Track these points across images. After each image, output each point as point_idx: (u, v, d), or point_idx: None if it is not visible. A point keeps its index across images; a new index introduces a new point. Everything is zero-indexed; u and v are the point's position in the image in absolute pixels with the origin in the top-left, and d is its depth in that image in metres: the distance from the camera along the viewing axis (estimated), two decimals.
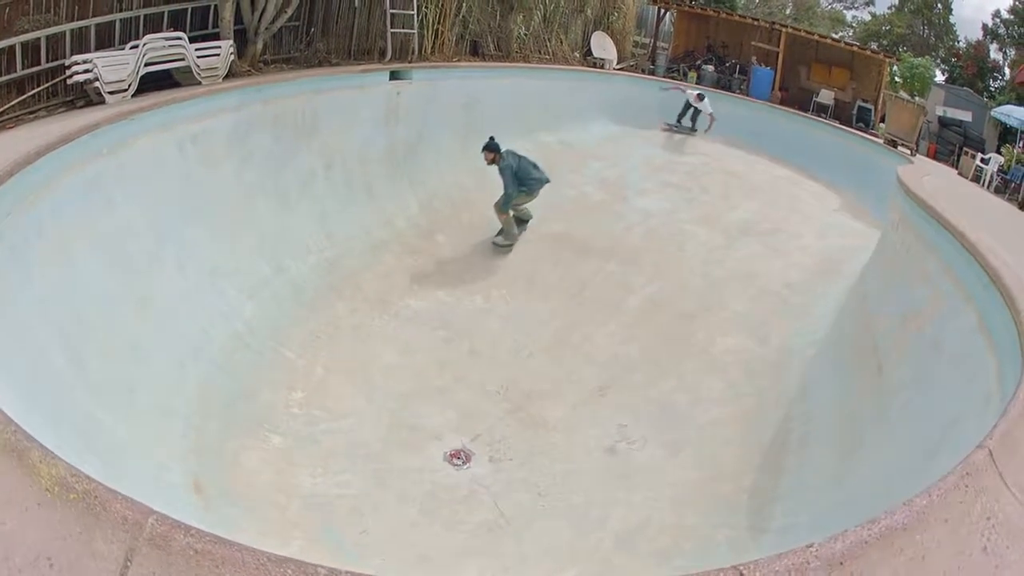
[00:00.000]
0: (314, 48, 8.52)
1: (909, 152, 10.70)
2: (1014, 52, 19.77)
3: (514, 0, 11.45)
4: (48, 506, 1.56)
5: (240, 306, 5.52)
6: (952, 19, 22.90)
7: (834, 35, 19.52)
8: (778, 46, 13.86)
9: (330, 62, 8.51)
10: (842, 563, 1.71)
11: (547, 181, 7.45)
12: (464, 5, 10.38)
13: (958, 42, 22.09)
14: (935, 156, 12.31)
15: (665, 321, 6.58)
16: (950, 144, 12.72)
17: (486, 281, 7.10)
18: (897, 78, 13.89)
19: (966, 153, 11.77)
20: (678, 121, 11.76)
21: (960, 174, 10.99)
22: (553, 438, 5.04)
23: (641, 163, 10.58)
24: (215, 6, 7.04)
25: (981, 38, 20.85)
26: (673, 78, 13.31)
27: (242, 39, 7.38)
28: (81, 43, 5.83)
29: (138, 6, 6.34)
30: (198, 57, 6.39)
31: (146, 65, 5.92)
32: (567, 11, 12.99)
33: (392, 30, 8.86)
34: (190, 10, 6.94)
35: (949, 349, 3.86)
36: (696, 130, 11.64)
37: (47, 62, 5.58)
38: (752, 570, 1.63)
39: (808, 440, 4.72)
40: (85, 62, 5.45)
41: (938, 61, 20.09)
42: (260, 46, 7.57)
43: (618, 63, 13.96)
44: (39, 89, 5.56)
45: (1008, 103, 14.06)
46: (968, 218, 4.82)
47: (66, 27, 5.65)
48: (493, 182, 7.52)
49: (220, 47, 6.64)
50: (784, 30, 14.21)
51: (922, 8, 22.73)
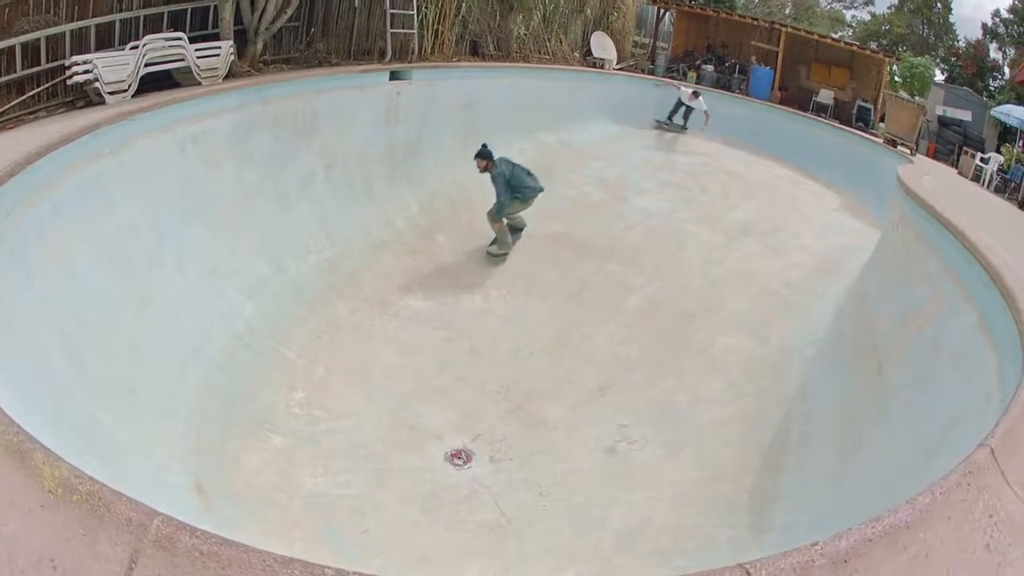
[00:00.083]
0: (314, 48, 8.52)
1: (909, 152, 10.70)
2: (1014, 51, 19.77)
3: (514, 0, 11.45)
4: (51, 508, 1.55)
5: (240, 306, 5.52)
6: (952, 18, 22.89)
7: (834, 35, 19.51)
8: (778, 46, 13.85)
9: (330, 62, 8.51)
10: (846, 561, 1.71)
11: (541, 190, 7.34)
12: (464, 5, 10.38)
13: (958, 41, 22.08)
14: (935, 156, 12.31)
15: (665, 321, 6.58)
16: (950, 144, 12.73)
17: (486, 281, 7.11)
18: (897, 78, 13.87)
19: (966, 152, 11.78)
20: (669, 118, 11.68)
21: (960, 173, 10.99)
22: (553, 438, 5.04)
23: (641, 163, 10.57)
24: (215, 6, 7.03)
25: (981, 37, 20.85)
26: (673, 78, 13.30)
27: (242, 39, 7.38)
28: (81, 43, 5.82)
29: (138, 6, 6.33)
30: (198, 57, 6.38)
31: (146, 65, 5.92)
32: (567, 11, 12.99)
33: (392, 30, 8.85)
34: (190, 10, 6.94)
35: (949, 348, 3.87)
36: (687, 128, 11.56)
37: (47, 62, 5.57)
38: (758, 568, 1.64)
39: (808, 440, 4.73)
40: (85, 62, 5.45)
41: (938, 61, 20.09)
42: (260, 46, 7.57)
43: (618, 63, 13.95)
44: (39, 90, 5.55)
45: (1008, 102, 14.06)
46: (968, 217, 4.83)
47: (66, 27, 5.64)
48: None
49: (220, 47, 6.63)
50: (784, 30, 14.20)
51: (922, 7, 22.72)
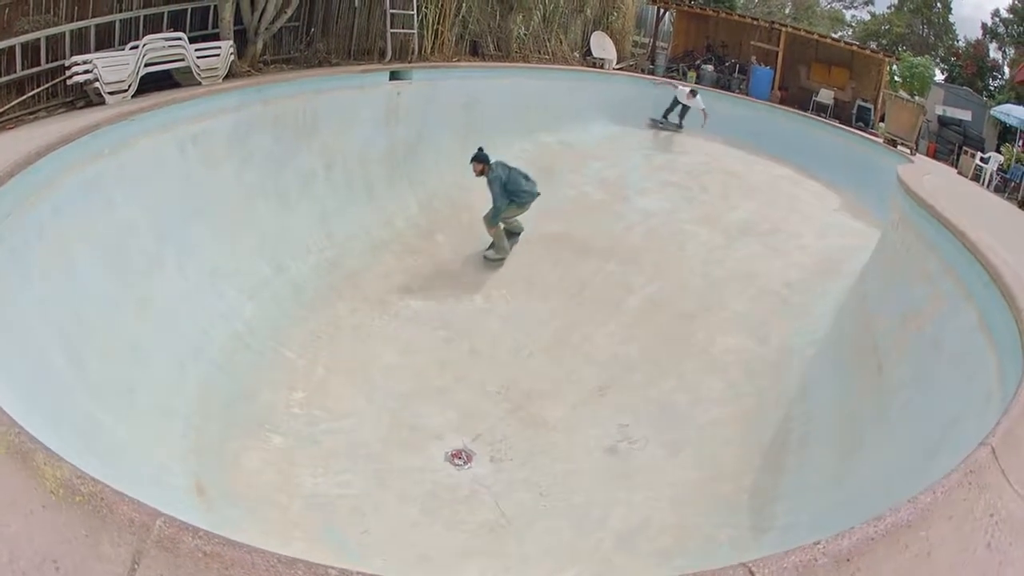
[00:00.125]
0: (314, 48, 8.52)
1: (909, 151, 10.70)
2: (1013, 51, 19.78)
3: (514, 0, 11.44)
4: (53, 509, 1.55)
5: (240, 306, 5.52)
6: (951, 18, 22.90)
7: (833, 34, 19.52)
8: (778, 45, 13.85)
9: (330, 62, 8.50)
10: (849, 559, 1.72)
11: (537, 195, 7.25)
12: (464, 5, 10.37)
13: (957, 41, 22.09)
14: (935, 155, 12.32)
15: (665, 321, 6.59)
16: (950, 143, 12.73)
17: (486, 281, 7.11)
18: (897, 77, 13.87)
19: (966, 152, 11.78)
20: (664, 117, 11.66)
21: (960, 173, 11.00)
22: (554, 438, 5.04)
23: (641, 163, 10.58)
24: (215, 6, 7.03)
25: (980, 37, 20.86)
26: (673, 78, 13.30)
27: (242, 39, 7.37)
28: (81, 44, 5.82)
29: (138, 6, 6.33)
30: (198, 57, 6.38)
31: (146, 65, 5.92)
32: (567, 11, 12.98)
33: (392, 30, 8.85)
34: (190, 10, 6.93)
35: (949, 348, 3.87)
36: (682, 127, 11.54)
37: (47, 63, 5.57)
38: (761, 567, 1.64)
39: (808, 440, 4.73)
40: (85, 63, 5.44)
41: (937, 60, 20.09)
42: (260, 46, 7.56)
43: (618, 63, 13.95)
44: (39, 90, 5.55)
45: (1007, 102, 14.06)
46: (968, 217, 4.83)
47: (66, 28, 5.64)
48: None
49: (220, 47, 6.63)
50: (784, 29, 14.20)
51: (921, 7, 22.73)
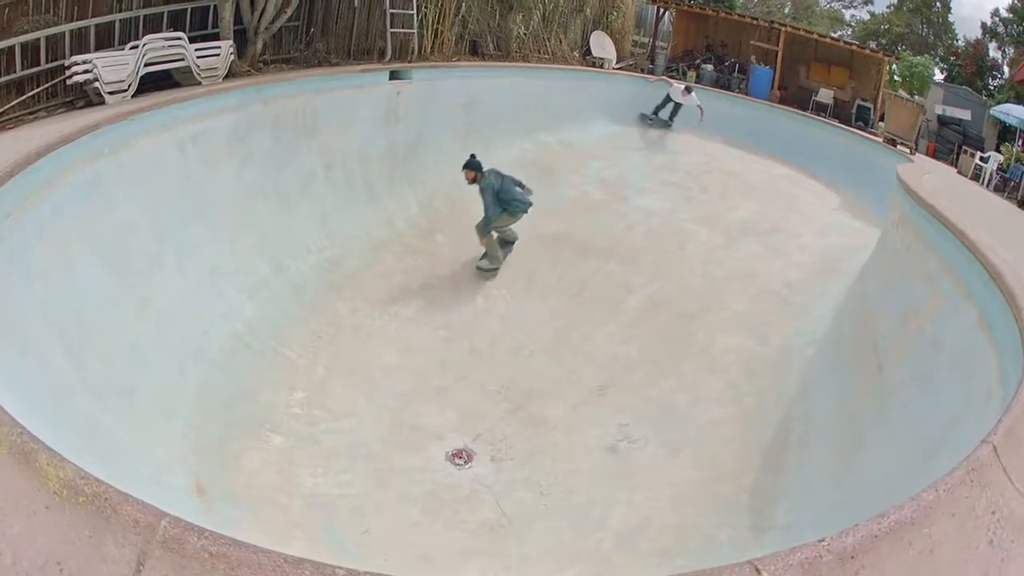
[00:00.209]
0: (314, 48, 8.51)
1: (908, 151, 10.70)
2: (1013, 50, 19.76)
3: (513, 0, 11.44)
4: (56, 509, 1.54)
5: (240, 306, 5.52)
6: (951, 18, 22.87)
7: (833, 34, 19.51)
8: (777, 45, 13.84)
9: (330, 62, 8.50)
10: (853, 557, 1.73)
11: (530, 204, 7.12)
12: (463, 5, 10.36)
13: (957, 41, 22.06)
14: (934, 155, 12.32)
15: (665, 321, 6.59)
16: (949, 143, 12.74)
17: (486, 281, 7.10)
18: (896, 77, 13.85)
19: (965, 152, 11.78)
20: (655, 113, 11.66)
21: (959, 172, 11.00)
22: (554, 437, 5.04)
23: (641, 162, 10.58)
24: (215, 6, 7.03)
25: (980, 37, 20.83)
26: (673, 77, 13.29)
27: (242, 39, 7.37)
28: (81, 43, 5.81)
29: (138, 6, 6.33)
30: (198, 57, 6.38)
31: (146, 65, 5.91)
32: (566, 10, 12.97)
33: (392, 30, 8.85)
34: (190, 10, 6.93)
35: (949, 347, 3.87)
36: (672, 124, 11.56)
37: (47, 63, 5.56)
38: (767, 565, 1.65)
39: (808, 440, 4.73)
40: (85, 62, 5.44)
41: (937, 60, 20.07)
42: (260, 46, 7.56)
43: (617, 62, 13.94)
44: (39, 90, 5.55)
45: (1007, 101, 14.05)
46: (968, 216, 4.83)
47: (65, 27, 5.64)
48: None
49: (220, 47, 6.62)
50: (783, 29, 14.19)
51: (921, 7, 22.72)
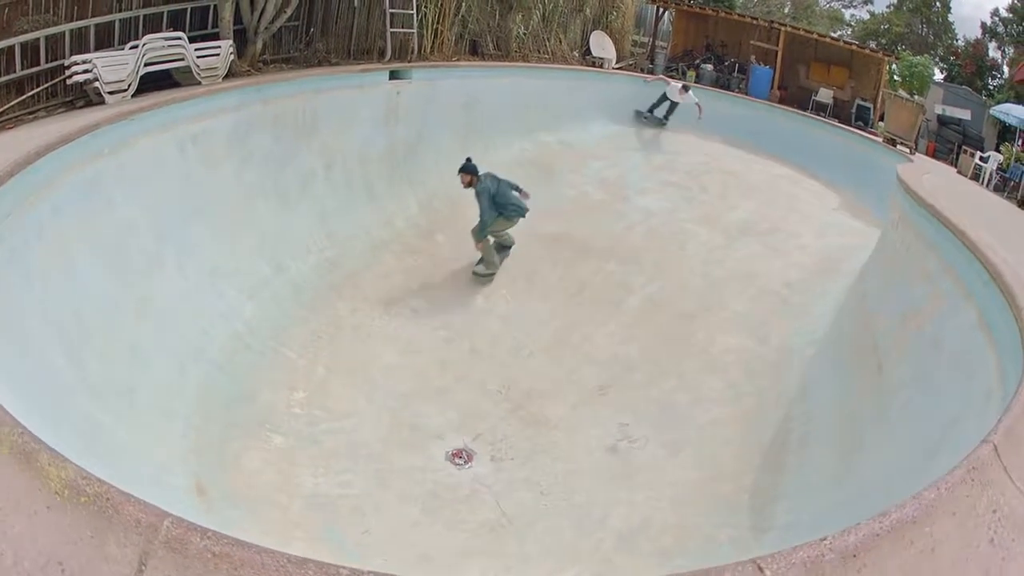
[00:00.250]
0: (313, 48, 8.51)
1: (908, 150, 10.70)
2: (1013, 50, 19.76)
3: (513, 0, 11.44)
4: (58, 510, 1.54)
5: (240, 306, 5.52)
6: (951, 17, 22.86)
7: (833, 34, 19.52)
8: (777, 45, 13.85)
9: (330, 62, 8.50)
10: (855, 555, 1.74)
11: (526, 209, 6.99)
12: (463, 5, 10.36)
13: (957, 40, 22.06)
14: (934, 154, 12.32)
15: (665, 321, 6.59)
16: (949, 142, 12.73)
17: (483, 285, 7.08)
18: (896, 77, 13.85)
19: (965, 151, 11.78)
20: (650, 111, 11.66)
21: (959, 172, 11.00)
22: (554, 437, 5.04)
23: (641, 162, 10.59)
24: (214, 6, 7.03)
25: (980, 36, 20.83)
26: (672, 77, 13.29)
27: (241, 39, 7.37)
28: (80, 43, 5.81)
29: (137, 6, 6.32)
30: (198, 57, 6.37)
31: (146, 65, 5.91)
32: (566, 10, 12.97)
33: (391, 30, 8.84)
34: (189, 10, 6.92)
35: (949, 347, 3.87)
36: (666, 123, 11.57)
37: (46, 62, 5.56)
38: (769, 563, 1.65)
39: (808, 439, 4.73)
40: (84, 62, 5.44)
41: (937, 59, 20.06)
42: (260, 46, 7.56)
43: (617, 62, 13.94)
44: (38, 89, 5.55)
45: (1007, 101, 14.05)
46: (968, 216, 4.83)
47: (65, 27, 5.63)
48: None
49: (220, 47, 6.62)
50: (783, 29, 14.20)
51: (921, 6, 22.72)
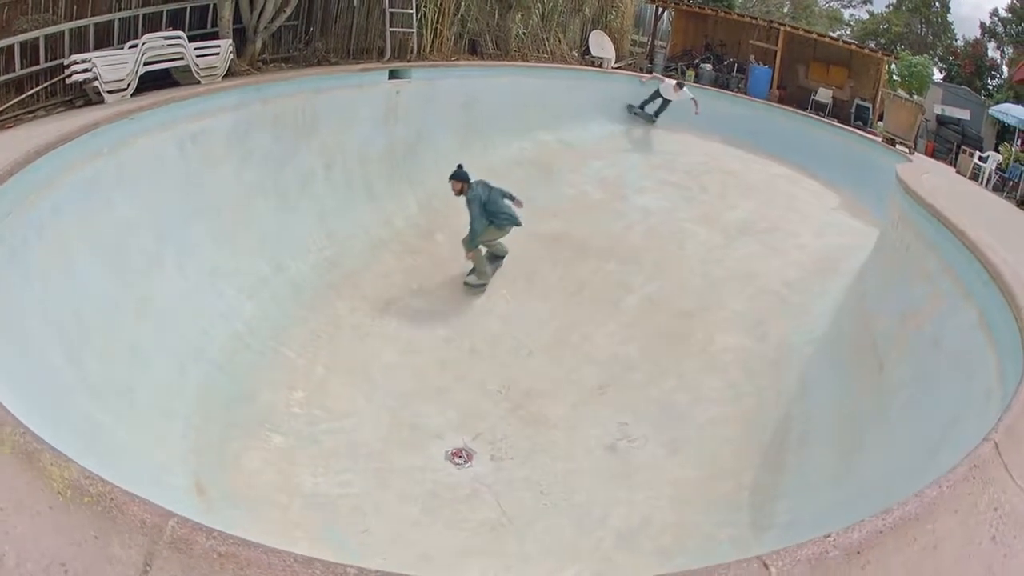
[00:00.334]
0: (313, 47, 8.50)
1: (907, 150, 10.71)
2: (1012, 50, 19.78)
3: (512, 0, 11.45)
4: (61, 510, 1.53)
5: (240, 306, 5.51)
6: (950, 17, 22.88)
7: (832, 34, 19.53)
8: (776, 45, 13.86)
9: (329, 61, 8.49)
10: (859, 552, 1.75)
11: (519, 219, 6.76)
12: (463, 4, 10.36)
13: (956, 40, 22.07)
14: (933, 154, 12.33)
15: (664, 320, 6.59)
16: (948, 142, 12.74)
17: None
18: (895, 76, 13.87)
19: (964, 151, 11.79)
20: (641, 107, 11.67)
21: (958, 172, 11.01)
22: (554, 436, 5.04)
23: (640, 162, 10.59)
24: (214, 5, 7.02)
25: (979, 36, 20.86)
26: (671, 77, 13.29)
27: (241, 38, 7.36)
28: (80, 42, 5.80)
29: (137, 5, 6.31)
30: (197, 56, 6.37)
31: (145, 64, 5.90)
32: (565, 10, 12.98)
33: (391, 29, 8.84)
34: (189, 9, 6.91)
35: (949, 347, 3.88)
36: (656, 120, 11.58)
37: (46, 61, 5.55)
38: (775, 560, 1.66)
39: (808, 438, 4.74)
40: (84, 61, 5.43)
41: (936, 59, 20.08)
42: (259, 45, 7.55)
43: (616, 62, 13.94)
44: (38, 89, 5.54)
45: (1006, 101, 14.06)
46: (967, 216, 4.84)
47: (65, 26, 5.63)
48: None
49: (219, 46, 6.61)
50: (782, 29, 14.21)
51: (920, 6, 22.73)
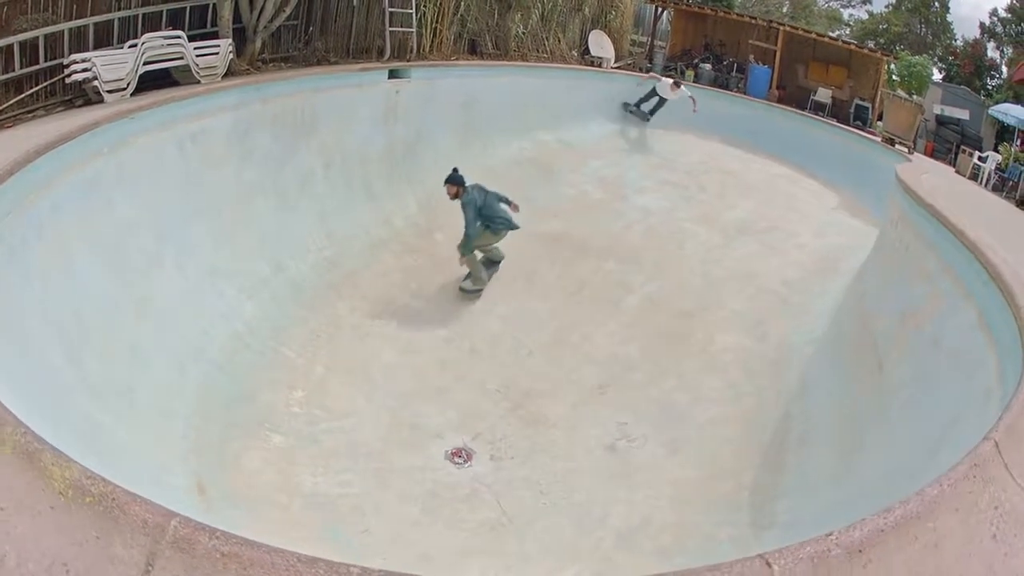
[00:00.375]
0: (313, 47, 8.50)
1: (907, 150, 10.71)
2: (1011, 50, 19.78)
3: None
4: (62, 510, 1.53)
5: (240, 306, 5.51)
6: (949, 17, 22.86)
7: (831, 33, 19.54)
8: (775, 44, 13.85)
9: (328, 61, 8.49)
10: (861, 550, 1.75)
11: (515, 223, 6.69)
12: (462, 4, 10.36)
13: (955, 40, 22.07)
14: (932, 154, 12.34)
15: (664, 320, 6.59)
16: (947, 142, 12.75)
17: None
18: (894, 76, 13.87)
19: (963, 151, 11.80)
20: (637, 105, 11.69)
21: (958, 172, 11.01)
22: (554, 436, 5.05)
23: (639, 161, 10.60)
24: (213, 5, 7.01)
25: (978, 36, 20.86)
26: (670, 77, 13.29)
27: (241, 38, 7.35)
28: (79, 42, 5.80)
29: (136, 5, 6.31)
30: (197, 56, 6.36)
31: (145, 64, 5.90)
32: (565, 10, 12.97)
33: (390, 29, 8.83)
34: (188, 9, 6.91)
35: (949, 346, 3.88)
36: (650, 119, 11.60)
37: (45, 61, 5.55)
38: (777, 558, 1.67)
39: (808, 438, 4.74)
40: (84, 61, 5.42)
41: (935, 59, 20.08)
42: (259, 45, 7.55)
43: (616, 62, 13.94)
44: (37, 88, 5.53)
45: (1005, 101, 14.07)
46: (967, 216, 4.84)
47: (64, 26, 5.62)
48: (492, 182, 7.45)
49: (219, 46, 6.61)
50: (781, 28, 14.21)
51: (919, 6, 22.73)
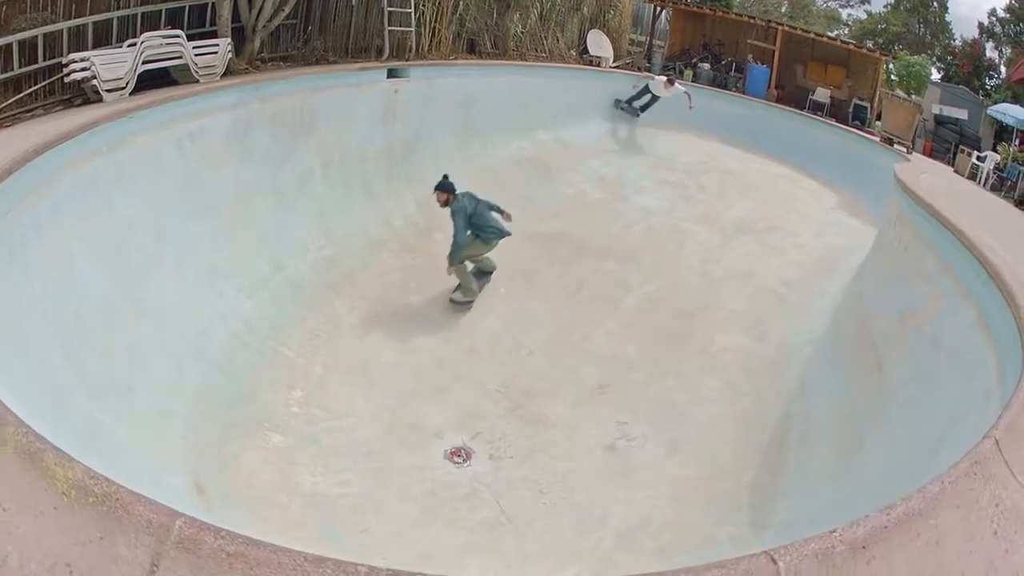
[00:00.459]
0: (311, 46, 8.49)
1: (905, 150, 10.73)
2: (1010, 50, 19.82)
3: None
4: (65, 510, 1.52)
5: (239, 305, 5.51)
6: (948, 17, 22.93)
7: (830, 33, 19.57)
8: (774, 44, 13.87)
9: (327, 60, 8.48)
10: (864, 547, 1.77)
11: (506, 234, 6.55)
12: (461, 3, 10.35)
13: (954, 40, 22.12)
14: (931, 154, 12.36)
15: (663, 319, 6.59)
16: (946, 142, 12.78)
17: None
18: (893, 76, 13.91)
19: (962, 151, 11.81)
20: (628, 102, 11.70)
21: (956, 172, 11.03)
22: (553, 436, 5.05)
23: (639, 161, 10.60)
24: (212, 4, 6.99)
25: (977, 36, 20.90)
26: (669, 76, 13.30)
27: (240, 37, 7.34)
28: (79, 41, 5.78)
29: (135, 4, 6.29)
30: (196, 55, 6.35)
31: (144, 63, 5.89)
32: (563, 9, 12.98)
33: (389, 28, 8.82)
34: (187, 8, 6.89)
35: (948, 346, 3.89)
36: (639, 115, 11.62)
37: (44, 60, 5.53)
38: (782, 555, 1.68)
39: (807, 438, 4.75)
40: (82, 60, 5.41)
41: (934, 59, 20.13)
42: (258, 44, 7.54)
43: (614, 61, 13.94)
44: (36, 87, 5.52)
45: (1004, 101, 14.09)
46: (965, 215, 4.85)
47: (63, 25, 5.61)
48: (491, 182, 7.46)
49: (218, 45, 6.60)
50: (780, 28, 14.22)
51: (918, 6, 22.77)
